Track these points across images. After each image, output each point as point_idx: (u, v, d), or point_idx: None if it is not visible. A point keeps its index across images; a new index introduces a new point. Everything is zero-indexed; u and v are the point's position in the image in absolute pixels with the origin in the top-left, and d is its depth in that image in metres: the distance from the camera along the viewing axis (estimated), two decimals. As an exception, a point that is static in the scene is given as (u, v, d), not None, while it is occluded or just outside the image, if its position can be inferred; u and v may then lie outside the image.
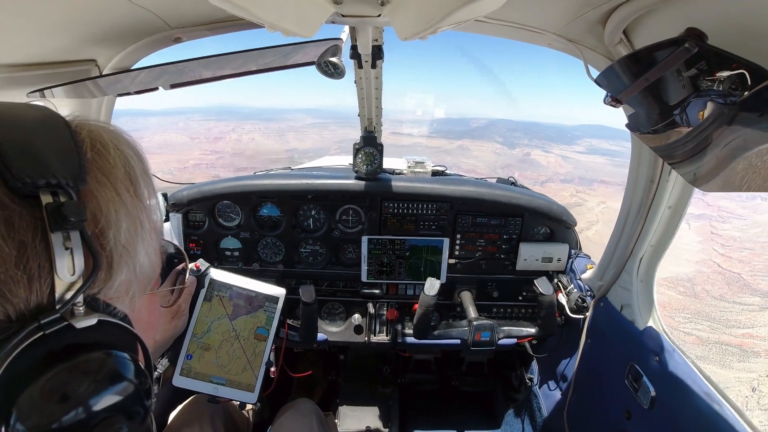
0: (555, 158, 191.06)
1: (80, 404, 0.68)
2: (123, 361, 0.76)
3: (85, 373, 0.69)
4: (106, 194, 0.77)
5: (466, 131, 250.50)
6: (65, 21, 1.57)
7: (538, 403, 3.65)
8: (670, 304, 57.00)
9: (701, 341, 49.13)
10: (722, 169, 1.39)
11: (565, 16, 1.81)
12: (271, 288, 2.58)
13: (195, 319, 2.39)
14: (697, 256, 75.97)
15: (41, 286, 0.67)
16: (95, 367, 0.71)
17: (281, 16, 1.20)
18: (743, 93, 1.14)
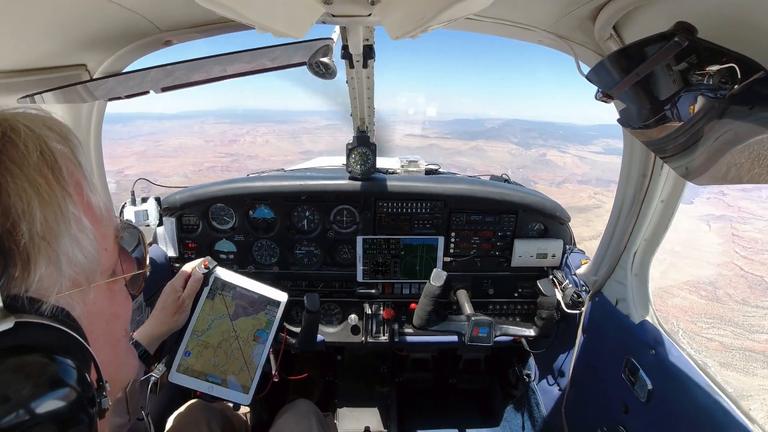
0: (571, 159, 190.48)
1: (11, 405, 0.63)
2: (49, 363, 0.70)
3: (3, 382, 0.65)
4: (17, 185, 0.73)
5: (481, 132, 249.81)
6: (54, 26, 1.56)
7: (536, 398, 3.66)
8: (692, 309, 56.12)
9: (724, 347, 48.33)
10: (714, 162, 1.39)
11: (554, 13, 1.81)
12: (274, 292, 2.58)
13: (197, 316, 2.39)
14: (718, 259, 74.91)
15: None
16: (13, 373, 0.66)
17: (271, 17, 1.20)
18: (733, 86, 1.15)
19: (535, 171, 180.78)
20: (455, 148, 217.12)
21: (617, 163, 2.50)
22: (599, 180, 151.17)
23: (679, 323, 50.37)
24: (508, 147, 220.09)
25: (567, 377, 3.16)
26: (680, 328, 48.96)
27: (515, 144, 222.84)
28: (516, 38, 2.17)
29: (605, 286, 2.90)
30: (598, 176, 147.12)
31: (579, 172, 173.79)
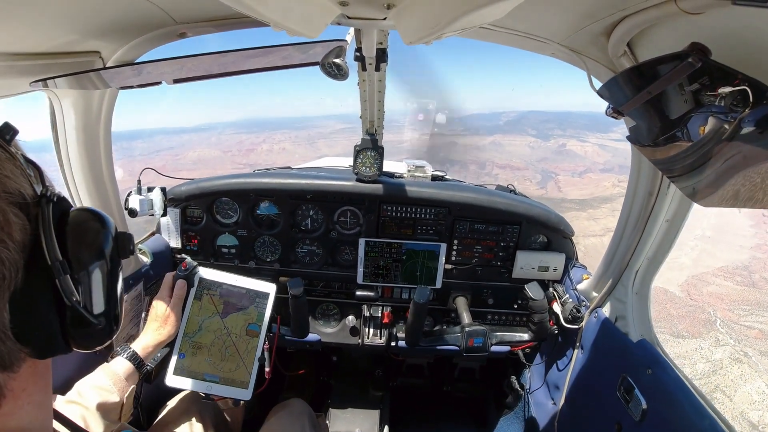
0: (592, 147, 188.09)
1: (106, 230, 0.96)
2: (95, 209, 0.98)
3: (89, 215, 0.95)
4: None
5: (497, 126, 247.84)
6: (70, 11, 1.57)
7: (530, 411, 3.64)
8: (728, 296, 54.44)
9: (765, 335, 46.35)
10: (721, 184, 1.39)
11: (569, 27, 1.82)
12: (261, 284, 2.58)
13: (186, 319, 2.39)
14: (750, 242, 72.75)
15: (27, 178, 0.81)
16: (89, 212, 0.96)
17: (287, 15, 1.20)
18: (745, 109, 1.15)
19: (555, 162, 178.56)
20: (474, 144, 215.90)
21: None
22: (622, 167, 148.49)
23: (716, 312, 48.75)
24: (527, 140, 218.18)
25: (562, 392, 3.15)
26: (717, 317, 47.42)
27: (533, 136, 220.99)
28: (529, 50, 2.17)
29: (605, 302, 2.89)
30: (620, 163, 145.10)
31: (600, 160, 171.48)
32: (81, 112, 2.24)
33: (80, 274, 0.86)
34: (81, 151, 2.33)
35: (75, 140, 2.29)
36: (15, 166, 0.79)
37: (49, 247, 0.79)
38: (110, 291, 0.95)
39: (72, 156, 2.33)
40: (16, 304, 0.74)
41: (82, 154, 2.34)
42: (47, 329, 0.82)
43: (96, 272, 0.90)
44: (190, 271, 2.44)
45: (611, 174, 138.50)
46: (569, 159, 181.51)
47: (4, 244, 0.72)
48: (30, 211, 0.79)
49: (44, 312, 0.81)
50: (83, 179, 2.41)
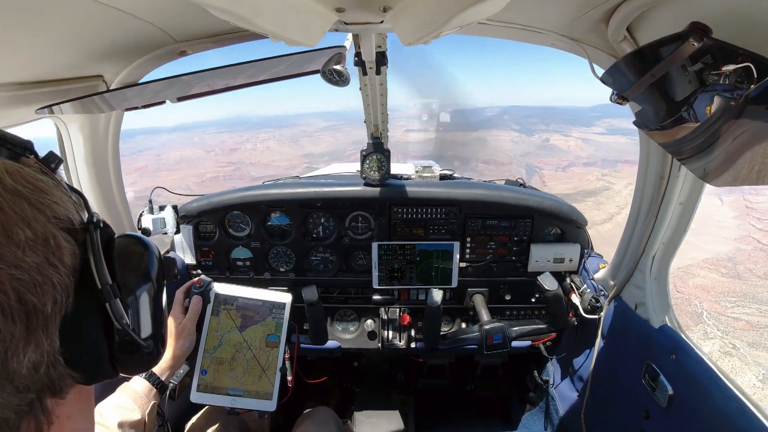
0: (575, 141, 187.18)
1: (151, 254, 0.97)
2: (137, 234, 1.01)
3: (134, 240, 0.97)
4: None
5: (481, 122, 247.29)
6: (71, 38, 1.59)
7: (555, 404, 3.62)
8: (714, 288, 54.15)
9: (752, 326, 46.08)
10: (732, 163, 1.38)
11: (567, 16, 1.81)
12: (277, 295, 2.59)
13: (205, 335, 2.41)
14: (734, 233, 72.45)
15: (73, 209, 0.82)
16: (133, 237, 0.97)
17: (284, 26, 1.21)
18: (750, 86, 1.13)
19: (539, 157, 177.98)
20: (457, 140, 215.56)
21: (622, 143, 2.48)
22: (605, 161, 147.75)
23: (702, 304, 48.47)
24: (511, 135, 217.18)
25: (586, 383, 3.13)
26: (704, 309, 47.31)
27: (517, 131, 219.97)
28: (529, 42, 2.16)
29: (624, 290, 2.87)
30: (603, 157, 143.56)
31: (584, 154, 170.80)
32: (88, 136, 2.27)
33: (129, 298, 0.89)
34: (91, 174, 2.36)
35: (84, 164, 2.32)
36: (62, 192, 0.80)
37: (99, 271, 0.81)
38: (157, 314, 0.97)
39: (82, 180, 2.36)
40: (67, 328, 0.76)
41: (92, 177, 2.37)
42: (97, 354, 0.84)
43: (143, 296, 0.93)
44: (206, 287, 2.46)
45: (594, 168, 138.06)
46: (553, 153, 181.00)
47: (55, 269, 0.73)
48: (78, 237, 0.80)
49: (94, 336, 0.83)
50: (95, 202, 2.44)
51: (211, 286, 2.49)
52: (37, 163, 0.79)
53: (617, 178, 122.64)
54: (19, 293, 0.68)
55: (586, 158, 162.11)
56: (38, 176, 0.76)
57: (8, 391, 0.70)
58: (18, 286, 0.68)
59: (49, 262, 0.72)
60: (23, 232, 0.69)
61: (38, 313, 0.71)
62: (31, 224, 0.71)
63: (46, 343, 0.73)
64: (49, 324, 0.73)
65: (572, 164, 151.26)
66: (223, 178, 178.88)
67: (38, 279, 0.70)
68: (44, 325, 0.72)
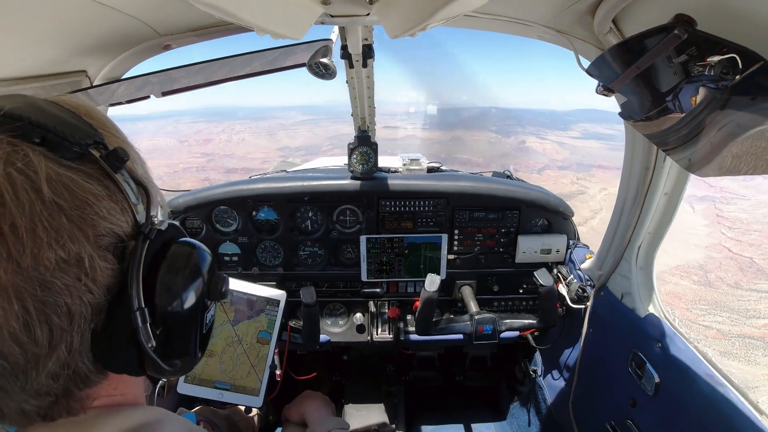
0: (551, 145, 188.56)
1: (196, 271, 0.94)
2: (196, 242, 0.99)
3: (185, 253, 0.93)
4: (114, 140, 0.88)
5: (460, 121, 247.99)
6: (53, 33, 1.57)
7: (543, 394, 3.65)
8: (685, 295, 54.85)
9: (722, 335, 46.99)
10: (717, 153, 1.39)
11: (553, 8, 1.81)
12: (271, 291, 2.58)
13: None
14: (705, 241, 73.41)
15: (128, 212, 0.82)
16: (187, 247, 0.95)
17: (269, 19, 1.20)
18: (734, 77, 1.15)
19: (516, 158, 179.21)
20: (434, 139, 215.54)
21: (596, 148, 2.51)
22: (580, 165, 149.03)
23: (674, 311, 49.12)
24: (488, 136, 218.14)
25: (573, 372, 3.16)
26: (676, 317, 46.91)
27: (494, 132, 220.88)
28: (515, 34, 2.16)
29: (610, 280, 2.90)
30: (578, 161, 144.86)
31: (559, 158, 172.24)
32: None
33: (163, 319, 0.86)
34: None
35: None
36: (114, 201, 0.79)
37: (132, 294, 0.79)
38: (191, 336, 0.96)
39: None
40: (97, 342, 0.77)
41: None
42: (124, 365, 0.84)
43: (179, 318, 0.90)
44: None
45: (569, 171, 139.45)
46: (529, 155, 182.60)
47: (87, 289, 0.73)
48: (126, 249, 0.80)
49: (123, 352, 0.82)
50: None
51: None
52: (96, 165, 0.78)
53: (591, 182, 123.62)
54: (45, 314, 0.68)
55: (561, 161, 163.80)
56: (87, 184, 0.74)
57: (29, 393, 0.73)
58: (42, 308, 0.67)
59: (81, 281, 0.72)
60: (55, 253, 0.68)
61: (63, 333, 0.71)
62: (66, 245, 0.69)
63: (67, 356, 0.73)
64: (74, 340, 0.73)
65: (547, 167, 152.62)
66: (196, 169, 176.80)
67: (66, 301, 0.70)
68: (69, 341, 0.73)
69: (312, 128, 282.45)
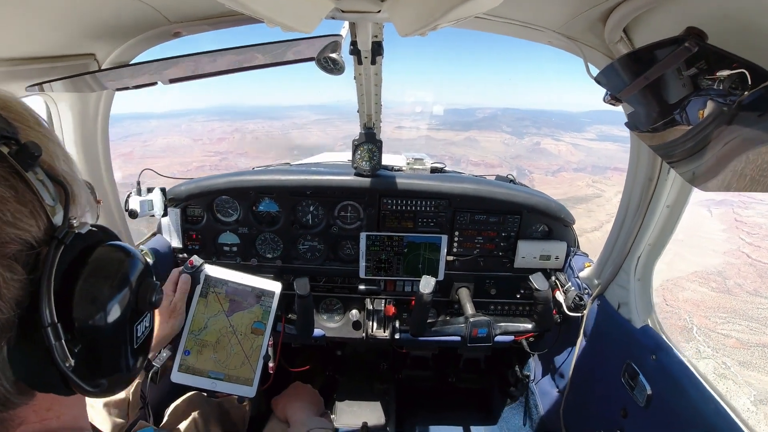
0: (566, 146, 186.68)
1: (120, 280, 0.86)
2: (123, 245, 0.90)
3: (108, 259, 0.85)
4: (34, 134, 0.81)
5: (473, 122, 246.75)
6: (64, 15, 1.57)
7: (535, 400, 3.65)
8: (704, 302, 53.26)
9: (742, 344, 45.35)
10: (721, 168, 1.39)
11: (565, 14, 1.81)
12: (267, 282, 2.58)
13: (191, 316, 2.40)
14: (723, 246, 71.48)
15: (40, 214, 0.75)
16: (111, 252, 0.86)
17: (280, 10, 1.19)
18: (743, 93, 1.14)
19: (530, 160, 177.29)
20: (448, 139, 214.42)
21: (612, 150, 2.48)
22: (595, 167, 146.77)
23: (692, 319, 48.07)
24: (502, 137, 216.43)
25: (566, 379, 3.16)
26: (694, 325, 46.80)
27: (508, 133, 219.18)
28: (525, 38, 2.16)
29: (608, 289, 2.89)
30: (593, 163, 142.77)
31: (574, 159, 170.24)
32: (77, 115, 2.23)
33: (83, 335, 0.78)
34: (79, 154, 2.33)
35: (72, 143, 2.28)
36: (23, 203, 0.71)
37: (42, 308, 0.71)
38: (118, 352, 0.87)
39: (70, 159, 2.33)
40: (14, 358, 0.72)
41: (80, 157, 2.34)
42: (49, 384, 0.77)
43: (103, 333, 0.82)
44: (197, 268, 2.44)
45: (584, 173, 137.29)
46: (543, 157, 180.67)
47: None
48: (39, 254, 0.74)
49: (42, 369, 0.75)
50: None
51: (203, 268, 2.48)
52: (5, 163, 0.70)
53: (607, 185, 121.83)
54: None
55: (576, 163, 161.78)
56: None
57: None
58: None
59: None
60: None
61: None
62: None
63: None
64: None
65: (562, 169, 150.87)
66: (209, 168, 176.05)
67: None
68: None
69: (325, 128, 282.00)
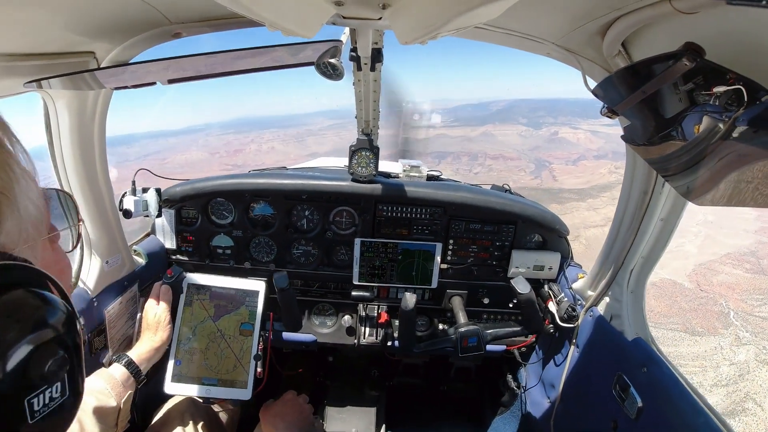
0: (584, 134, 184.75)
1: (8, 340, 0.68)
2: (35, 294, 0.74)
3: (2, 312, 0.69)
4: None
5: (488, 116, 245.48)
6: (65, 12, 1.57)
7: (526, 410, 3.65)
8: (738, 285, 51.64)
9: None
10: (716, 183, 1.40)
11: (564, 27, 1.82)
12: (249, 283, 2.58)
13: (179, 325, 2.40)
14: (754, 225, 69.31)
15: None
16: (10, 304, 0.70)
17: (282, 15, 1.20)
18: (739, 108, 1.15)
19: (548, 151, 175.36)
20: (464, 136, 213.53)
21: None
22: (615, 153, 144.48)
23: (728, 303, 46.58)
24: (518, 129, 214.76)
25: (558, 390, 3.16)
26: (731, 309, 44.91)
27: (524, 125, 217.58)
28: (524, 49, 2.17)
29: (600, 301, 2.90)
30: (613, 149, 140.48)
31: (594, 147, 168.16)
32: (75, 112, 2.23)
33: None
34: (75, 152, 2.32)
35: (69, 141, 2.28)
36: None
37: None
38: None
39: (66, 157, 2.32)
40: None
41: (76, 155, 2.33)
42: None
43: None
44: (176, 277, 2.44)
45: (606, 160, 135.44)
46: (562, 147, 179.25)
47: None
48: None
49: None
50: (77, 180, 2.40)
51: (183, 276, 2.47)
52: None
53: None
54: None
55: (596, 150, 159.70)
56: None
57: None
58: None
59: None
60: None
61: None
62: None
63: None
64: None
65: (582, 157, 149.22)
66: None
67: None
68: None
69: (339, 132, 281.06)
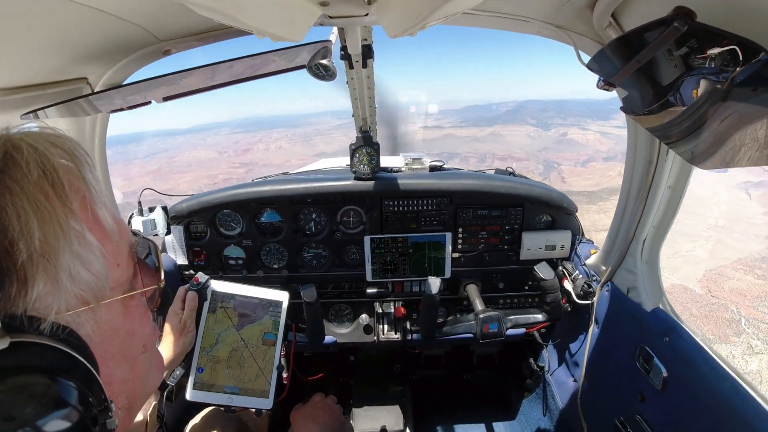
0: (594, 135, 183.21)
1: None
2: (45, 384, 0.68)
3: (16, 392, 0.65)
4: (15, 203, 0.70)
5: (496, 116, 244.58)
6: (53, 41, 1.57)
7: (551, 391, 3.65)
8: (750, 291, 50.35)
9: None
10: (719, 145, 1.39)
11: (552, 3, 1.81)
12: (274, 293, 2.58)
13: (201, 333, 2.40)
14: (765, 230, 68.37)
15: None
16: (8, 395, 0.64)
17: (268, 21, 1.20)
18: (736, 68, 1.14)
19: (557, 152, 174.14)
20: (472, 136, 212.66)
21: None
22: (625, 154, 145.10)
23: (740, 310, 45.36)
24: (527, 129, 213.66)
25: (581, 368, 3.15)
26: (742, 316, 43.72)
27: (533, 126, 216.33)
28: (514, 30, 2.16)
29: (616, 275, 2.88)
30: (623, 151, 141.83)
31: (603, 148, 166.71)
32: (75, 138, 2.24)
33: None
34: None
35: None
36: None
37: None
38: None
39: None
40: None
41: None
42: None
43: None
44: (203, 285, 2.45)
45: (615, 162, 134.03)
46: (571, 148, 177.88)
47: None
48: None
49: None
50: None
51: (209, 284, 2.48)
52: None
53: None
54: None
55: (605, 152, 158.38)
56: None
57: None
58: None
59: None
60: None
61: None
62: None
63: None
64: None
65: (592, 159, 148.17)
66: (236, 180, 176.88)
67: None
68: None
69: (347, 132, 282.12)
